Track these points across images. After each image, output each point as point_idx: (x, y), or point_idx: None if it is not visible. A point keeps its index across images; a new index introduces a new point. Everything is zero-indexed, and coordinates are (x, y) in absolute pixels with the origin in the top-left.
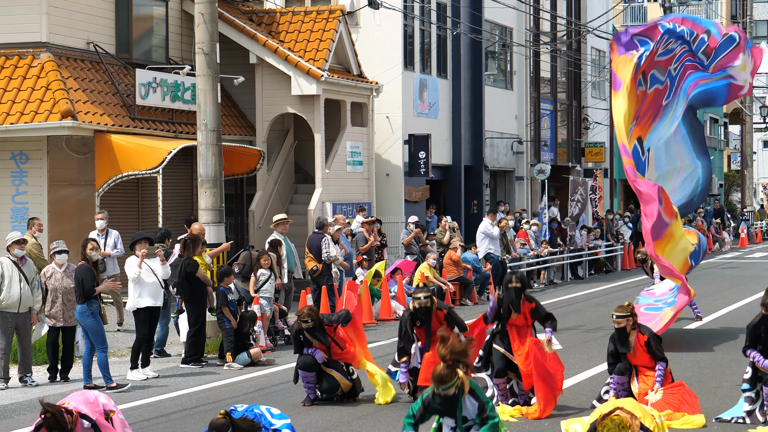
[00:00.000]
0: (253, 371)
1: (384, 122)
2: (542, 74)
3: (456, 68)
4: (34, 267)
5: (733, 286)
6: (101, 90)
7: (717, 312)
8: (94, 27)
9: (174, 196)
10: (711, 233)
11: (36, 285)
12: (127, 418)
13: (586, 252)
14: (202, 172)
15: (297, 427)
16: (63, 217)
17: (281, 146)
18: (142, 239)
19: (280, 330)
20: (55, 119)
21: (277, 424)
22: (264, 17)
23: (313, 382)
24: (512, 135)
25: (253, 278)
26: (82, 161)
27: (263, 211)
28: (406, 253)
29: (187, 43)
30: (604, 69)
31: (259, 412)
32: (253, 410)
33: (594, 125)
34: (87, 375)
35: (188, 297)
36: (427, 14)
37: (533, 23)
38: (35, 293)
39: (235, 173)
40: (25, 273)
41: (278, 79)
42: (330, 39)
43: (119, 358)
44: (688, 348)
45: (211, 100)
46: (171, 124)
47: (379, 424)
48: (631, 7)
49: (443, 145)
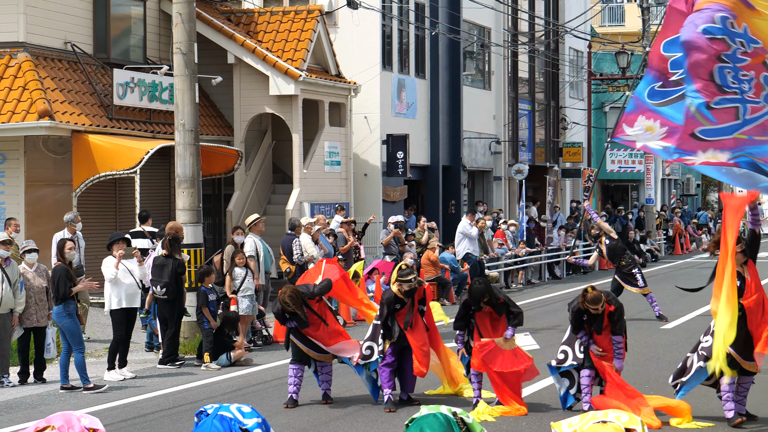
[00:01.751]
0: (230, 372)
1: (362, 122)
2: (520, 74)
3: (434, 68)
4: (17, 268)
5: (709, 287)
6: (79, 90)
7: (693, 312)
8: (71, 27)
9: (151, 197)
10: (688, 233)
11: (19, 287)
12: (104, 419)
13: (563, 252)
14: (179, 172)
15: (274, 427)
16: (40, 218)
17: (259, 146)
18: (120, 240)
19: (257, 330)
20: (33, 119)
21: (248, 424)
22: (242, 17)
23: (300, 377)
24: (490, 135)
25: (228, 278)
26: (60, 161)
27: (241, 211)
28: (384, 253)
29: (165, 43)
30: (582, 69)
31: (229, 414)
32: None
33: (572, 125)
34: (64, 376)
35: (173, 297)
36: (405, 14)
37: (511, 23)
38: (17, 295)
39: (213, 173)
40: (8, 274)
41: (256, 79)
42: (308, 39)
43: (96, 359)
44: (664, 348)
45: (189, 100)
46: (149, 124)
47: (356, 424)
48: (609, 8)
49: (421, 146)
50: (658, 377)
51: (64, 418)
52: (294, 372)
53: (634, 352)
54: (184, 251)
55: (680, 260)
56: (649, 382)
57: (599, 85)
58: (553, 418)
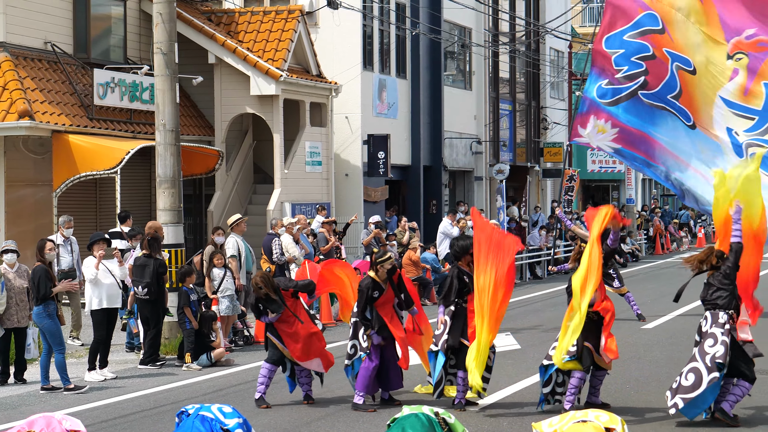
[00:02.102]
0: (211, 372)
1: (343, 122)
2: (501, 74)
3: (415, 68)
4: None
5: (690, 286)
6: (59, 90)
7: (673, 312)
8: (51, 26)
9: (132, 197)
10: (669, 232)
11: (0, 287)
12: (85, 420)
13: (544, 252)
14: (160, 173)
15: (256, 428)
16: (20, 218)
17: (240, 146)
18: (100, 240)
19: (239, 330)
20: (12, 119)
21: (230, 424)
22: (223, 17)
23: (270, 377)
24: (471, 135)
25: (208, 280)
26: (40, 161)
27: (222, 211)
28: (365, 253)
29: (145, 42)
30: (563, 69)
31: (210, 415)
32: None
33: (553, 125)
34: (45, 376)
35: (155, 298)
36: (386, 14)
37: (492, 24)
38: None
39: (194, 173)
40: None
41: (237, 79)
42: (289, 39)
43: (77, 360)
44: (645, 348)
45: (170, 100)
46: (129, 124)
47: (337, 425)
48: (589, 8)
49: (402, 146)
50: (639, 377)
51: (45, 421)
52: (266, 372)
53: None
54: (164, 251)
55: (661, 260)
56: (629, 382)
57: (580, 85)
58: (534, 419)
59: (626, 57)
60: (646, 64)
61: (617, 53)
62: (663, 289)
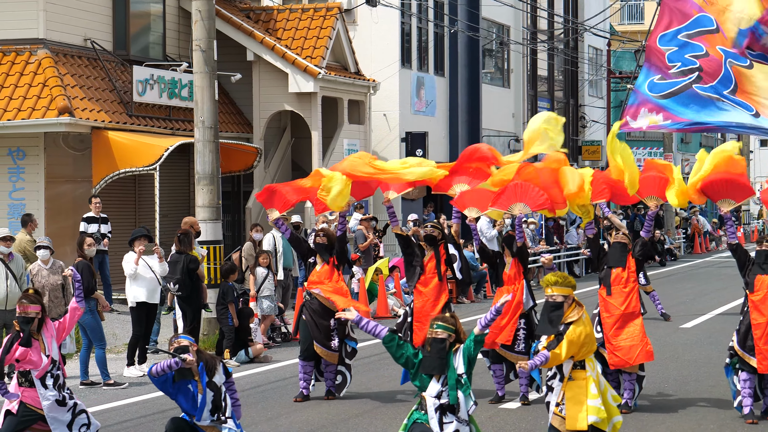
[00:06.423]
0: (249, 368)
1: (381, 120)
2: (539, 72)
3: (453, 66)
4: (22, 263)
5: (728, 285)
6: (98, 87)
7: (713, 311)
8: (91, 23)
9: (171, 193)
10: (708, 231)
11: (25, 281)
12: (124, 415)
13: (582, 250)
14: (199, 169)
15: (293, 425)
16: (60, 214)
17: (278, 144)
18: (141, 236)
19: (277, 327)
20: (53, 116)
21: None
22: (261, 14)
23: (309, 373)
24: (509, 133)
25: (252, 277)
26: (79, 158)
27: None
28: None
29: (184, 40)
30: (601, 67)
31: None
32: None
33: (591, 123)
34: (84, 372)
35: (189, 294)
36: (424, 12)
37: (530, 21)
38: (24, 290)
39: (232, 170)
40: (12, 270)
41: (275, 77)
42: (327, 36)
43: (116, 355)
44: (684, 348)
45: (209, 97)
46: (168, 121)
47: (375, 422)
48: (628, 6)
49: (440, 143)
50: (678, 377)
51: None
52: (303, 368)
53: (654, 352)
54: (203, 247)
55: (699, 259)
56: (668, 382)
57: (618, 83)
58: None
59: (680, 54)
60: (699, 62)
61: (671, 50)
62: (701, 288)
